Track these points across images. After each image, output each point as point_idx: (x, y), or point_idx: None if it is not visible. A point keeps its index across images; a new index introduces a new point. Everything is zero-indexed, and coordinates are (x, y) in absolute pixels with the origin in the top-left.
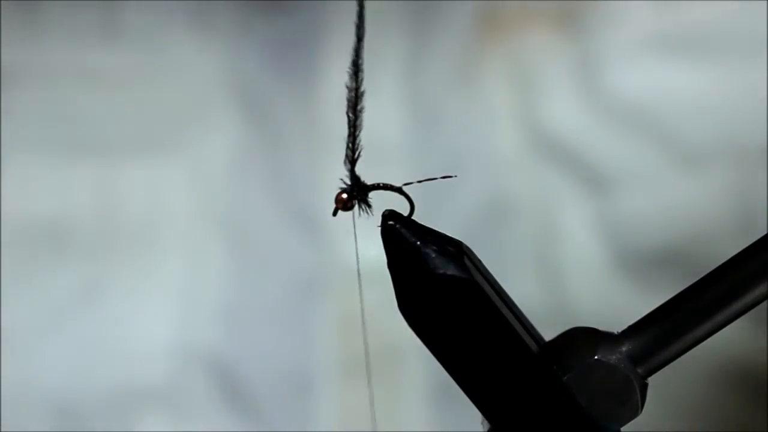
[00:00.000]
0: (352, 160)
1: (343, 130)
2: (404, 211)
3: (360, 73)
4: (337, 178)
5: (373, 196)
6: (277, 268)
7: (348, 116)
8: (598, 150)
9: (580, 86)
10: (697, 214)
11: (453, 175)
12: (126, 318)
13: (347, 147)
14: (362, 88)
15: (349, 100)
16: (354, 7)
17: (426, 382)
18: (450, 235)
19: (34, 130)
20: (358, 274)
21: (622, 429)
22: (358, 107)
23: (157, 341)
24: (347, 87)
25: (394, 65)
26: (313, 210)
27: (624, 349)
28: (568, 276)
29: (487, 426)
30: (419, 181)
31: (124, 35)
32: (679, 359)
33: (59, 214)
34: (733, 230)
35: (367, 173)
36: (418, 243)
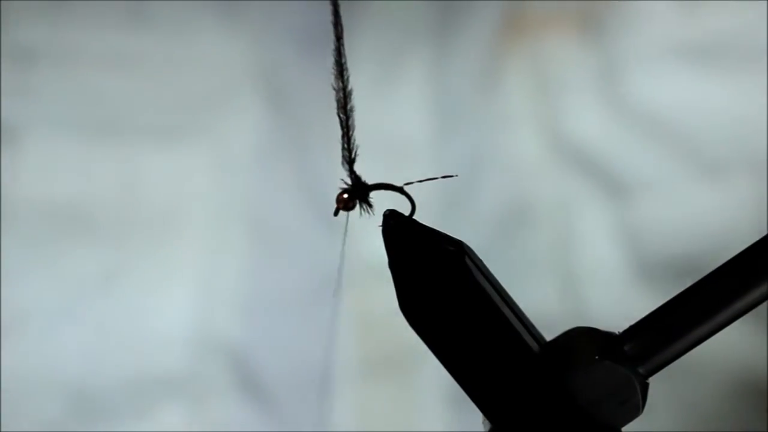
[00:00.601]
0: (349, 160)
1: (368, 120)
2: (406, 210)
3: (345, 73)
4: (364, 170)
5: (374, 196)
6: (297, 261)
7: (339, 117)
8: (618, 157)
9: (602, 92)
10: (717, 224)
11: (454, 174)
12: (145, 305)
13: (343, 148)
14: (349, 87)
15: (338, 101)
16: (378, 6)
17: (444, 383)
18: (467, 237)
19: (59, 111)
20: (341, 271)
21: (622, 429)
22: (348, 107)
23: (175, 329)
24: (333, 88)
25: (419, 67)
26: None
27: (625, 349)
28: (587, 283)
29: (488, 426)
30: (420, 181)
31: (151, 19)
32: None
33: (81, 197)
34: (753, 240)
35: (389, 174)
36: (419, 243)
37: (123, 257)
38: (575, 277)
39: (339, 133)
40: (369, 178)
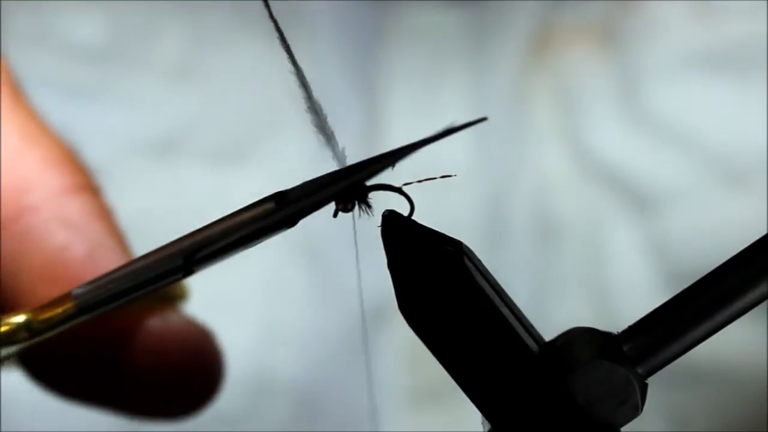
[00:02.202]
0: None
1: (407, 139)
2: (405, 211)
3: (302, 79)
4: (412, 194)
5: (374, 197)
6: (343, 292)
7: (317, 131)
8: (645, 170)
9: (625, 104)
10: (744, 233)
11: (452, 174)
12: None
13: (332, 157)
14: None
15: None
16: (416, 27)
17: None
18: (499, 254)
19: (113, 121)
20: (358, 277)
21: (622, 429)
22: (321, 116)
23: (232, 366)
24: (303, 99)
25: (456, 86)
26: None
27: (624, 349)
28: (617, 297)
29: (487, 426)
30: (419, 181)
31: (207, 34)
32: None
33: (130, 219)
34: None
35: (426, 192)
36: (418, 243)
37: None
38: (607, 292)
39: (384, 148)
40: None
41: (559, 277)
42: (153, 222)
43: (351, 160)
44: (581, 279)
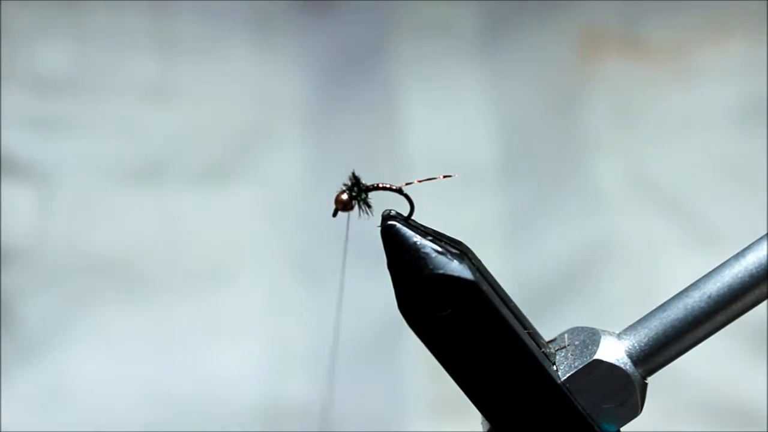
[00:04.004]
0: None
1: (426, 146)
2: (406, 211)
3: None
4: (421, 205)
5: (373, 197)
6: (359, 306)
7: None
8: (702, 202)
9: (690, 135)
10: None
11: (453, 174)
12: (204, 368)
13: None
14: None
15: None
16: (428, 19)
17: None
18: (536, 271)
19: (92, 148)
20: (342, 272)
21: (622, 429)
22: None
23: (242, 394)
24: None
25: (477, 83)
26: None
27: (624, 349)
28: None
29: (487, 426)
30: (419, 181)
31: (181, 48)
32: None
33: (122, 247)
34: None
35: (458, 198)
36: (418, 243)
37: (174, 313)
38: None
39: (395, 165)
40: (429, 201)
41: (606, 300)
42: (141, 249)
43: (363, 155)
44: (631, 305)
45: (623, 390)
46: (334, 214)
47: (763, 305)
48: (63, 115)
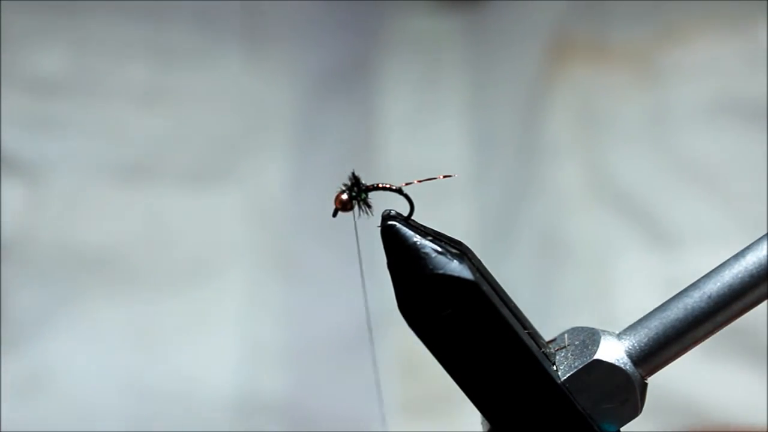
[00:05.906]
0: None
1: (404, 156)
2: (405, 211)
3: None
4: (400, 208)
5: (373, 197)
6: (336, 306)
7: None
8: (663, 204)
9: (652, 137)
10: None
11: (453, 174)
12: (183, 362)
13: None
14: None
15: None
16: (411, 34)
17: None
18: (505, 270)
19: (83, 148)
20: (362, 276)
21: (622, 429)
22: None
23: (218, 387)
24: None
25: (455, 97)
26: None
27: (624, 349)
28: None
29: (487, 426)
30: (419, 181)
31: (174, 55)
32: None
33: (109, 243)
34: None
35: (429, 204)
36: (418, 243)
37: (156, 308)
38: (613, 321)
39: (375, 171)
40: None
41: (566, 298)
42: (127, 246)
43: (345, 169)
44: (588, 303)
45: (623, 390)
46: (334, 214)
47: (763, 305)
48: (57, 115)
